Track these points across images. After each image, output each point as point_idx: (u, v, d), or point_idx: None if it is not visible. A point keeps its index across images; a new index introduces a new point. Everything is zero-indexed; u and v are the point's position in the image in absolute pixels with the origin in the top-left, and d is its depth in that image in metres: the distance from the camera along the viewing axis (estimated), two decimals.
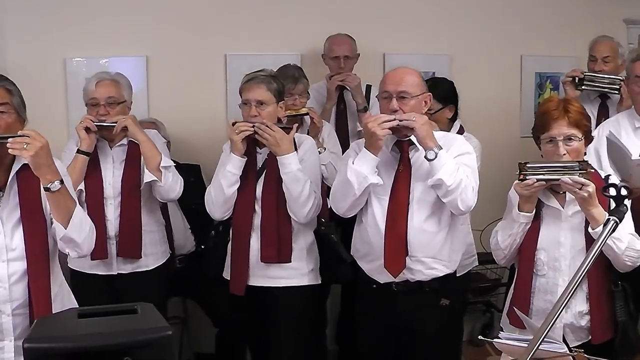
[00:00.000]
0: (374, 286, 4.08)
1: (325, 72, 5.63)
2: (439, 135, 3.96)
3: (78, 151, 4.33)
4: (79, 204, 4.22)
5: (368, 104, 5.54)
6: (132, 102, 4.58)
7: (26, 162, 3.28)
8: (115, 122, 4.35)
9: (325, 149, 4.93)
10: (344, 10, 6.02)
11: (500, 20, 6.41)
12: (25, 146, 3.12)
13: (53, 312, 3.30)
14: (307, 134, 4.85)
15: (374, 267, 4.04)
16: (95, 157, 4.39)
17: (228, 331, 5.35)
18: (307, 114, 4.98)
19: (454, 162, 3.83)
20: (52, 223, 3.36)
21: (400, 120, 3.82)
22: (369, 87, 5.62)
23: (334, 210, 4.15)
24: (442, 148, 3.80)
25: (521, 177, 3.60)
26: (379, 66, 6.03)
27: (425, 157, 3.80)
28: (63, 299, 3.50)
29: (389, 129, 3.83)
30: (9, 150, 3.15)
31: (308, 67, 5.52)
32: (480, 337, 3.28)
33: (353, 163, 3.92)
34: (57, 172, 3.23)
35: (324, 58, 5.66)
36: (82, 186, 4.33)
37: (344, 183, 3.96)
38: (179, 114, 5.63)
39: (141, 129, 4.43)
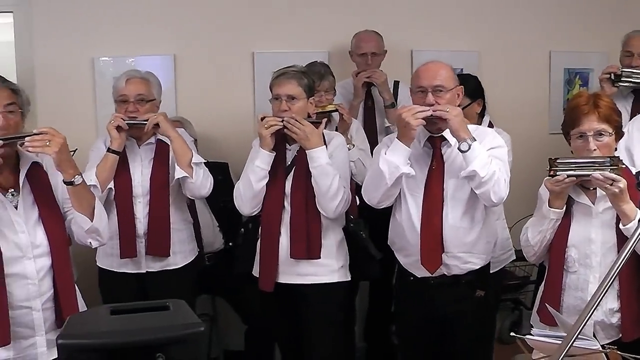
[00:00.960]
0: (411, 278, 4.12)
1: (352, 69, 5.61)
2: (470, 128, 3.96)
3: (108, 150, 4.33)
4: (108, 202, 4.31)
5: (396, 100, 5.53)
6: (161, 100, 4.58)
7: (35, 160, 3.37)
8: (147, 120, 4.34)
9: (353, 145, 4.92)
10: (371, 7, 6.00)
11: (529, 15, 6.36)
12: (47, 143, 3.18)
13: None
14: (336, 130, 4.86)
15: (411, 262, 4.09)
16: (123, 156, 4.39)
17: (257, 328, 5.36)
18: (335, 110, 4.98)
19: (487, 154, 3.83)
20: (66, 217, 3.44)
21: (434, 111, 3.84)
22: (396, 83, 5.62)
23: (367, 202, 4.14)
24: (475, 140, 3.81)
25: (551, 173, 3.57)
26: (407, 63, 6.02)
27: (459, 148, 3.81)
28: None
29: (424, 120, 3.84)
30: (29, 149, 3.22)
31: (335, 64, 5.55)
32: (512, 333, 3.26)
33: (385, 154, 3.93)
34: (76, 166, 3.32)
35: (351, 55, 5.63)
36: (111, 185, 4.35)
37: (376, 173, 3.97)
38: (206, 112, 5.65)
39: (173, 126, 4.43)
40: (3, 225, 3.27)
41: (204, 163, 4.47)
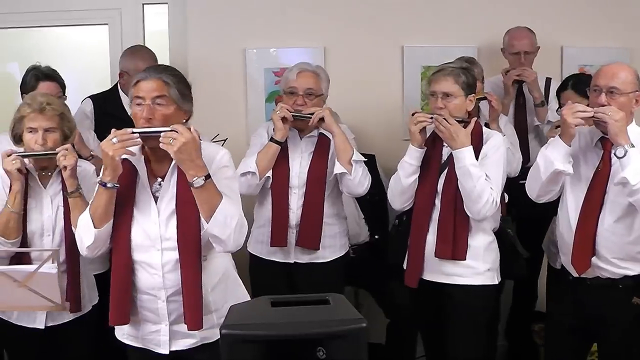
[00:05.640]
0: (570, 278, 4.06)
1: (502, 65, 5.56)
2: None
3: (271, 139, 4.42)
4: (264, 190, 4.37)
5: (546, 98, 5.44)
6: (327, 95, 4.62)
7: None
8: (311, 114, 4.40)
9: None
10: (520, 2, 5.90)
11: None
12: (171, 141, 3.14)
13: (209, 302, 3.40)
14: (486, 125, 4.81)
15: (567, 260, 4.04)
16: (284, 146, 4.45)
17: (401, 322, 5.34)
18: (484, 98, 4.94)
19: None
20: None
21: (595, 113, 3.77)
22: (548, 80, 5.53)
23: (527, 192, 4.12)
24: (634, 146, 3.70)
25: None
26: (557, 59, 5.91)
27: (614, 153, 3.73)
28: (226, 290, 3.54)
29: (586, 120, 3.80)
30: (160, 145, 3.18)
31: (484, 60, 5.50)
32: None
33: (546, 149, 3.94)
34: (202, 167, 3.20)
35: (503, 52, 5.57)
36: (269, 173, 4.43)
37: (534, 166, 4.01)
38: (355, 104, 5.62)
39: (336, 121, 4.47)
40: (140, 212, 3.34)
41: None
